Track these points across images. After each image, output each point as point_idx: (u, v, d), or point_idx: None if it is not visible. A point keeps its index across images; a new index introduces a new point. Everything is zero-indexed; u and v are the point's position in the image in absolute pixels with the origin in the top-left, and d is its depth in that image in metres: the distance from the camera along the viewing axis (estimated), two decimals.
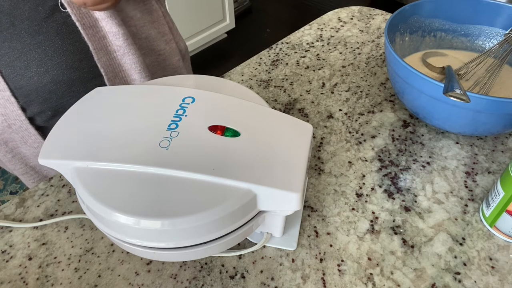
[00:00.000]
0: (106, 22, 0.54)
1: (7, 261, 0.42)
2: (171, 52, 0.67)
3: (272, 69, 0.66)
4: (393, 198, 0.46)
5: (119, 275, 0.40)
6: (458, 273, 0.39)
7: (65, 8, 0.51)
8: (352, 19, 0.78)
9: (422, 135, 0.54)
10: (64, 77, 0.54)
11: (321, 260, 0.41)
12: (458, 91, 0.42)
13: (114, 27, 0.55)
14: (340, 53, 0.69)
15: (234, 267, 0.41)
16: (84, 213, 0.45)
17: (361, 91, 0.61)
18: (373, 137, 0.54)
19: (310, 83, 0.63)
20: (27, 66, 0.52)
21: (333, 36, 0.73)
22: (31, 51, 0.51)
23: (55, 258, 0.42)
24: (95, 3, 0.47)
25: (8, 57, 0.51)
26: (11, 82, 0.52)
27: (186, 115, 0.39)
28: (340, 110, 0.58)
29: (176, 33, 0.69)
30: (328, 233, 0.43)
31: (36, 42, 0.51)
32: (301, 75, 0.65)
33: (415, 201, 0.46)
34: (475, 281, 0.39)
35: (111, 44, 0.56)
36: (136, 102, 0.41)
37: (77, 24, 0.52)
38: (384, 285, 0.39)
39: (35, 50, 0.51)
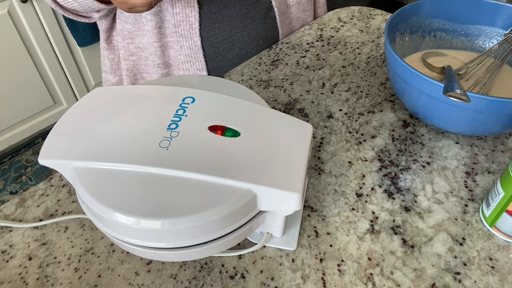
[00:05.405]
0: (295, 7, 0.55)
1: (7, 261, 0.42)
2: None
3: (272, 69, 0.66)
4: (393, 198, 0.46)
5: (119, 275, 0.40)
6: (458, 273, 0.39)
7: None
8: (352, 19, 0.78)
9: (422, 135, 0.54)
10: None
11: (321, 260, 0.41)
12: (458, 91, 0.42)
13: (299, 13, 0.55)
14: (340, 53, 0.69)
15: (234, 267, 0.41)
16: (84, 213, 0.45)
17: (361, 91, 0.61)
18: (373, 137, 0.54)
19: (310, 83, 0.63)
20: (231, 48, 0.53)
21: (333, 36, 0.73)
22: (237, 34, 0.52)
23: (55, 258, 0.42)
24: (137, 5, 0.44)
25: (216, 38, 0.51)
26: (210, 62, 0.53)
27: (186, 115, 0.39)
28: (340, 110, 0.58)
29: None
30: (328, 233, 0.43)
31: (243, 25, 0.52)
32: (301, 75, 0.65)
33: (415, 201, 0.46)
34: (475, 281, 0.39)
35: (292, 30, 0.56)
36: (136, 102, 0.41)
37: (275, 10, 0.53)
38: (384, 285, 0.39)
39: (240, 33, 0.52)
